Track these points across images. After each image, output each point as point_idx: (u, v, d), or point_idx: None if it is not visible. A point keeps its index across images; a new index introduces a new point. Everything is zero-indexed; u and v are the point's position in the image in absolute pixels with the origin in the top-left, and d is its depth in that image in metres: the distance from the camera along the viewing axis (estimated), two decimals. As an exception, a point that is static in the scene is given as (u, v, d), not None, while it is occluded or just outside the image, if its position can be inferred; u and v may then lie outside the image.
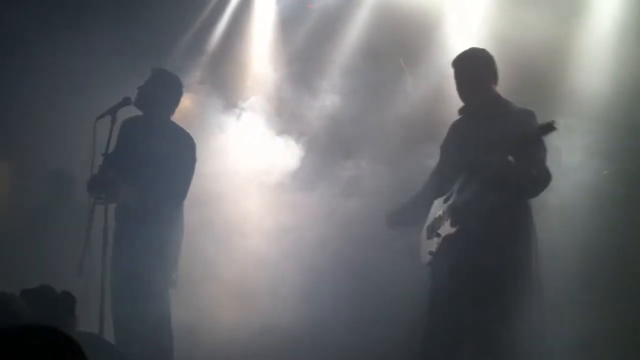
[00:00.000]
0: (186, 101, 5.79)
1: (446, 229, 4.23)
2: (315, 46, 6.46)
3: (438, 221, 4.35)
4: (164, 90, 5.05)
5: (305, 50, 6.51)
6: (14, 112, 5.83)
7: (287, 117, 6.16)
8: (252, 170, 5.91)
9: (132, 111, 4.99)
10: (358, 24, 6.31)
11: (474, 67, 4.38)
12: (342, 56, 6.33)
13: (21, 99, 5.84)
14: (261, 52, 6.72)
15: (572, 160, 5.02)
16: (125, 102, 4.83)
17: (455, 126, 4.58)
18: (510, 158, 4.02)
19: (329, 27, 6.47)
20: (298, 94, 6.20)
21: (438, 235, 4.28)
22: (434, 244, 4.31)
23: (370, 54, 6.15)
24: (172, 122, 5.14)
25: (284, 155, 6.00)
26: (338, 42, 6.39)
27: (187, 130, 5.12)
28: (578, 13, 5.56)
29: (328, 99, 6.11)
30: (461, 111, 4.50)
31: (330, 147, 6.12)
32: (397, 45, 5.98)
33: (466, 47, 4.53)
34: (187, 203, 5.02)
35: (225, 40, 6.80)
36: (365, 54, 6.19)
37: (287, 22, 6.71)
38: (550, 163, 4.15)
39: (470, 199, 4.11)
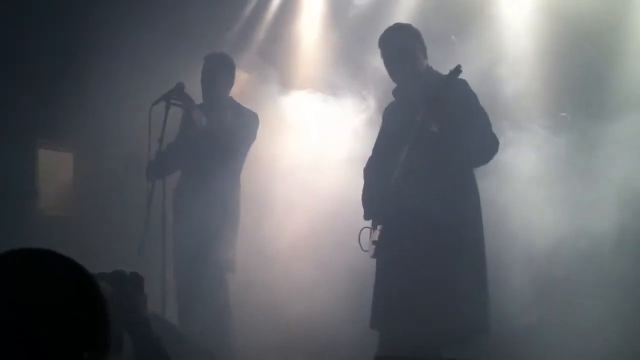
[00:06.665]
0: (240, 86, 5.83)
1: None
2: (366, 26, 6.41)
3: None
4: (218, 78, 5.16)
5: (356, 31, 6.47)
6: (74, 103, 5.98)
7: (342, 98, 6.12)
8: (311, 152, 5.90)
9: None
10: (409, 3, 6.24)
11: (405, 48, 4.21)
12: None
13: (77, 88, 5.99)
14: (312, 35, 6.70)
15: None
16: (179, 87, 4.94)
17: (389, 112, 4.43)
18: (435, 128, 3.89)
19: (379, 7, 6.42)
20: (352, 75, 6.17)
21: (381, 222, 4.22)
22: (377, 234, 4.23)
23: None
24: (232, 100, 5.23)
25: (345, 136, 5.95)
26: (387, 22, 6.34)
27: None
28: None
29: (382, 78, 6.04)
30: (395, 93, 4.34)
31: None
32: (448, 20, 5.88)
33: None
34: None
35: (275, 25, 6.80)
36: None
37: (338, 4, 6.68)
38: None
39: (410, 173, 4.03)
